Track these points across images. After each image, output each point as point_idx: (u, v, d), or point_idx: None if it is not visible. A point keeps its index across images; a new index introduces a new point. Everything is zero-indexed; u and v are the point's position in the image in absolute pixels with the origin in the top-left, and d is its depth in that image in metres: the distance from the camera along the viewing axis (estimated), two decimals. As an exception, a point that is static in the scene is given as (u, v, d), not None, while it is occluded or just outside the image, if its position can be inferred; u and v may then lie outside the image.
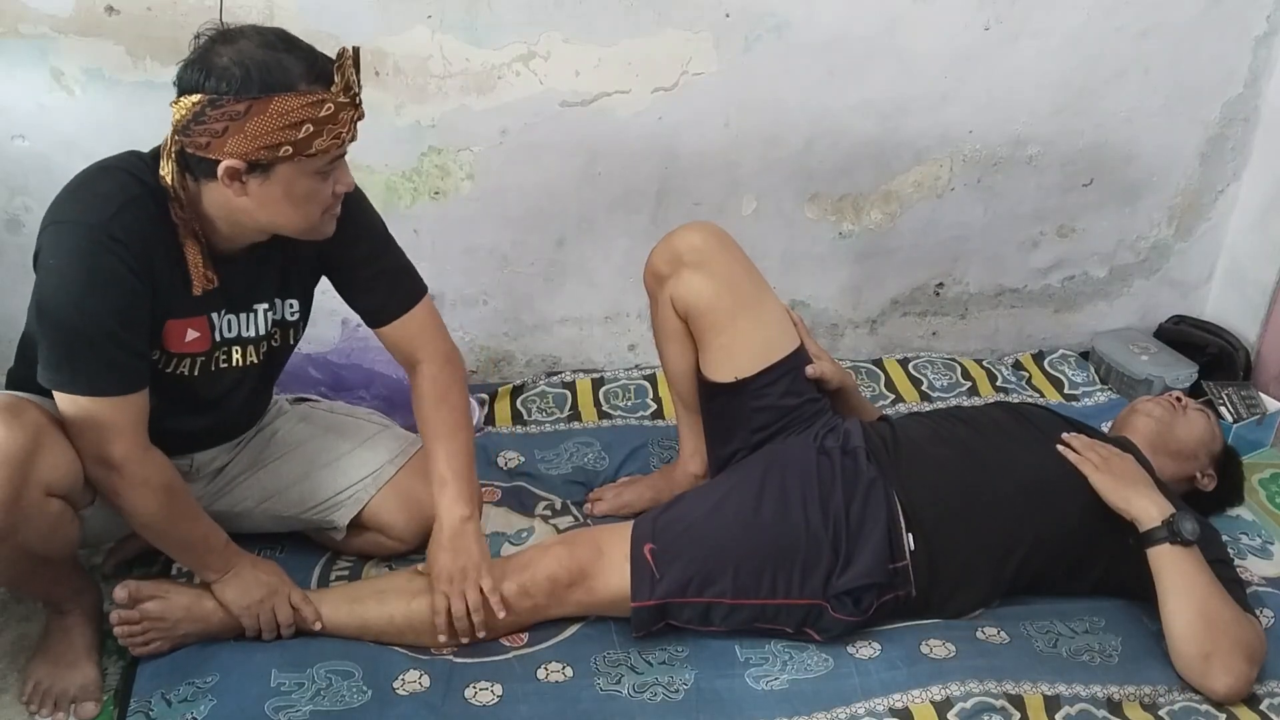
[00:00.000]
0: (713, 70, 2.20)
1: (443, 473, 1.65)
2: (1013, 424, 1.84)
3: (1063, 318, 2.69)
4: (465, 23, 2.07)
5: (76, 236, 1.36)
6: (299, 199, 1.39)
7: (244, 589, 1.58)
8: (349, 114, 1.37)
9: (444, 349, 1.69)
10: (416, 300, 1.67)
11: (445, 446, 1.65)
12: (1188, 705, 1.58)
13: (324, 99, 1.32)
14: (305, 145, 1.33)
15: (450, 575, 1.60)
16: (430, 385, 1.67)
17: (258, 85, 1.30)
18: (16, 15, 1.90)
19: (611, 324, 2.47)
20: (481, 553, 1.62)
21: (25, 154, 2.01)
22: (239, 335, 1.57)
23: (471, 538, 1.63)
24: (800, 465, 1.73)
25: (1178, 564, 1.60)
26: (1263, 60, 2.43)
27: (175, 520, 1.51)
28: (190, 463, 1.69)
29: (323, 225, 1.46)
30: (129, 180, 1.39)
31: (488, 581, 1.60)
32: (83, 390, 1.39)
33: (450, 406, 1.67)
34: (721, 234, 1.83)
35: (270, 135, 1.31)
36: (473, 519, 1.64)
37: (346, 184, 1.44)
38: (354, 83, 1.37)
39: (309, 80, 1.32)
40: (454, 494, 1.64)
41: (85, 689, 1.57)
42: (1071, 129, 2.43)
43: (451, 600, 1.59)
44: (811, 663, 1.63)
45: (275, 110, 1.30)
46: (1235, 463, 2.03)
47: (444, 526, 1.64)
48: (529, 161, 2.22)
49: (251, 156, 1.33)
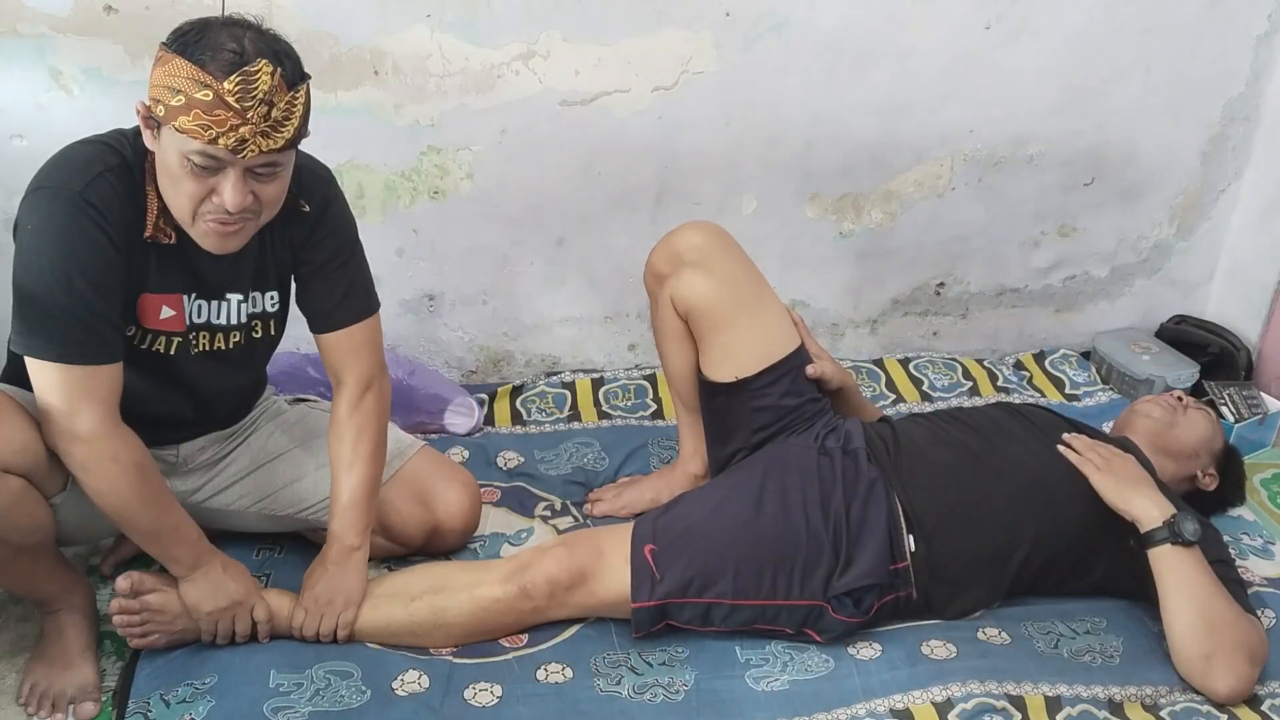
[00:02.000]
0: (713, 69, 2.20)
1: (343, 498, 1.65)
2: (1014, 424, 1.84)
3: (1064, 317, 2.68)
4: (464, 22, 2.06)
5: (54, 202, 1.38)
6: (171, 174, 1.38)
7: (209, 593, 1.56)
8: (229, 117, 1.31)
9: (370, 372, 1.68)
10: (362, 317, 1.66)
11: (352, 474, 1.65)
12: (1189, 706, 1.57)
13: (208, 84, 1.30)
14: (173, 115, 1.32)
15: (318, 598, 1.61)
16: (348, 409, 1.66)
17: (179, 42, 1.33)
18: (15, 14, 1.90)
19: (611, 324, 2.46)
20: (358, 586, 1.63)
21: (24, 154, 2.00)
22: (209, 322, 1.57)
23: (353, 568, 1.64)
24: (801, 466, 1.73)
25: (1179, 565, 1.59)
26: (1264, 59, 2.43)
27: (145, 503, 1.48)
28: (177, 453, 1.69)
29: (201, 231, 1.41)
30: (107, 151, 1.42)
31: (348, 615, 1.61)
32: (55, 356, 1.38)
33: (367, 436, 1.66)
34: (722, 233, 1.83)
35: (156, 89, 1.33)
36: (361, 549, 1.65)
37: (228, 200, 1.37)
38: (256, 99, 1.32)
39: (215, 64, 1.31)
40: (348, 521, 1.64)
41: (83, 689, 1.57)
42: (1072, 128, 2.42)
43: (307, 619, 1.61)
44: (812, 663, 1.63)
45: (170, 68, 1.32)
46: (1237, 463, 2.03)
47: (331, 549, 1.64)
48: (529, 161, 2.22)
49: (148, 100, 1.36)
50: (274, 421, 1.80)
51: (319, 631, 1.60)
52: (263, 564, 1.81)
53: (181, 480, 1.70)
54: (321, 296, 1.64)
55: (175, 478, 1.69)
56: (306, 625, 1.60)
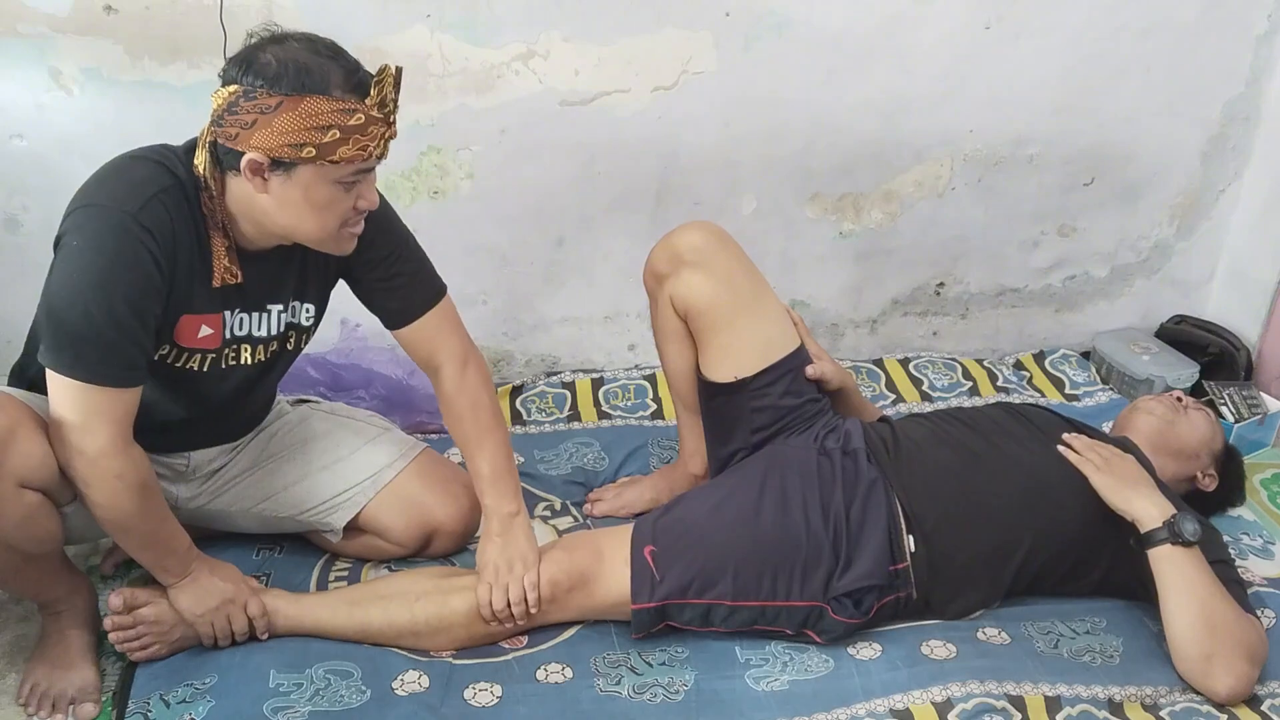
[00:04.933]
0: (713, 69, 2.20)
1: (485, 472, 1.67)
2: (1013, 424, 1.84)
3: (1064, 317, 2.68)
4: (464, 22, 2.06)
5: (106, 220, 1.35)
6: (318, 205, 1.39)
7: (199, 597, 1.56)
8: (380, 129, 1.37)
9: (463, 348, 1.69)
10: (435, 301, 1.67)
11: (482, 447, 1.67)
12: (1189, 706, 1.57)
13: (355, 108, 1.33)
14: (329, 150, 1.33)
15: (497, 567, 1.61)
16: (455, 388, 1.68)
17: (292, 83, 1.31)
18: (14, 14, 1.90)
19: (611, 324, 2.46)
20: (530, 547, 1.64)
21: (23, 154, 2.00)
22: (249, 334, 1.56)
23: (520, 531, 1.65)
24: (801, 466, 1.73)
25: (1179, 565, 1.59)
26: (1264, 59, 2.43)
27: (144, 519, 1.48)
28: (187, 461, 1.69)
29: (340, 239, 1.46)
30: (161, 171, 1.40)
31: (532, 575, 1.61)
32: (80, 375, 1.37)
33: (480, 407, 1.68)
34: (721, 233, 1.83)
35: (296, 134, 1.32)
36: (520, 514, 1.67)
37: (370, 201, 1.44)
38: (390, 100, 1.37)
39: (345, 88, 1.33)
40: (499, 491, 1.67)
41: (83, 690, 1.56)
42: (1072, 128, 2.42)
43: (494, 592, 1.60)
44: (812, 664, 1.63)
45: (305, 110, 1.31)
46: (1236, 463, 2.03)
47: (492, 521, 1.66)
48: (528, 161, 2.22)
49: (275, 153, 1.33)
50: (276, 424, 1.80)
51: (509, 601, 1.60)
52: (262, 564, 1.81)
53: (186, 486, 1.70)
54: (389, 294, 1.64)
55: (180, 483, 1.69)
56: (496, 598, 1.60)
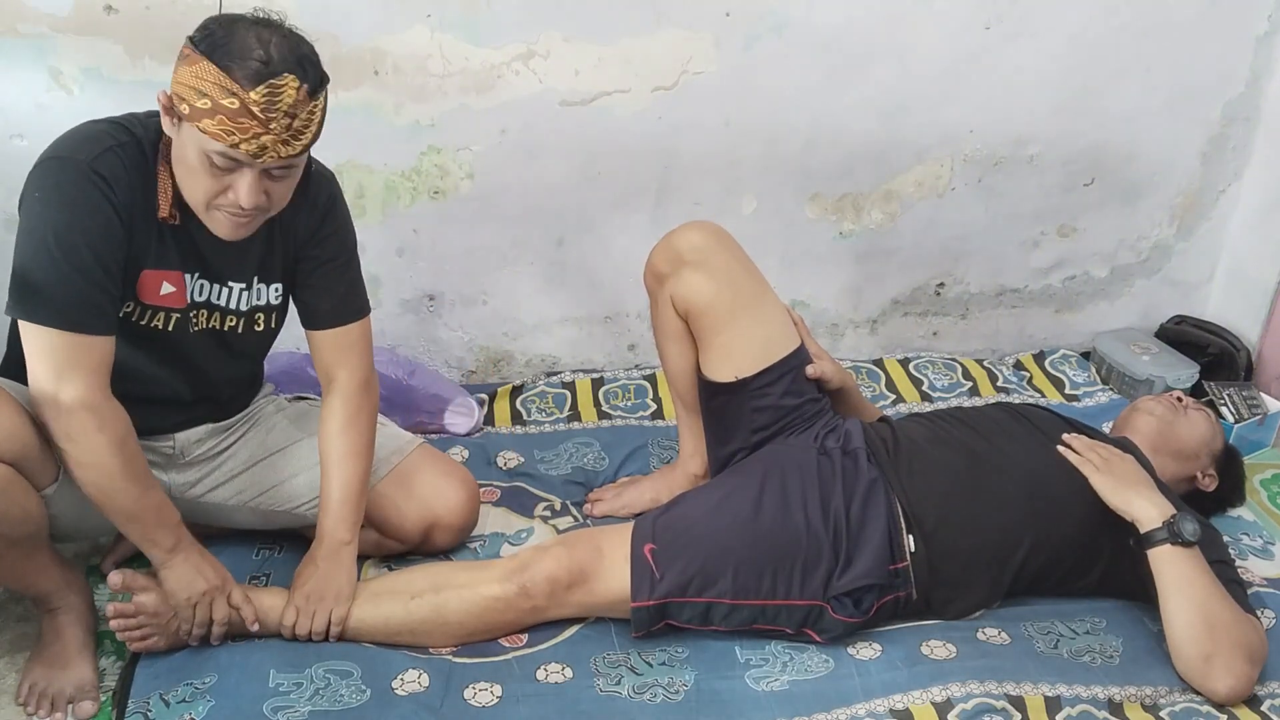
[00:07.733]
0: (713, 69, 2.20)
1: (334, 494, 1.66)
2: (1013, 425, 1.84)
3: (1064, 318, 2.68)
4: (465, 22, 2.06)
5: (62, 171, 1.41)
6: (190, 168, 1.41)
7: (188, 579, 1.56)
8: (252, 125, 1.34)
9: (366, 371, 1.70)
10: (358, 317, 1.69)
11: (343, 470, 1.66)
12: (1189, 706, 1.57)
13: (236, 93, 1.33)
14: (198, 116, 1.34)
15: (309, 595, 1.61)
16: (342, 401, 1.68)
17: (206, 45, 1.35)
18: (15, 14, 1.90)
19: (611, 324, 2.46)
20: (348, 582, 1.64)
21: (24, 153, 1.97)
22: (210, 301, 1.59)
23: (345, 563, 1.65)
24: (801, 466, 1.73)
25: (1178, 565, 1.59)
26: (1264, 60, 2.43)
27: (127, 480, 1.48)
28: (173, 444, 1.69)
29: (213, 219, 1.45)
30: (118, 129, 1.46)
31: (340, 612, 1.61)
32: (50, 321, 1.40)
33: (357, 432, 1.68)
34: (722, 233, 1.83)
35: (182, 87, 1.35)
36: (351, 545, 1.67)
37: (241, 198, 1.41)
38: (281, 110, 1.35)
39: (242, 72, 1.33)
40: (340, 516, 1.66)
41: (81, 688, 1.57)
42: (1072, 128, 2.42)
43: (300, 616, 1.60)
44: (812, 664, 1.63)
45: (197, 70, 1.34)
46: (1236, 463, 2.03)
47: (322, 545, 1.65)
48: (529, 161, 2.22)
49: (172, 94, 1.38)
50: (273, 418, 1.80)
51: (311, 629, 1.60)
52: (262, 564, 1.81)
53: (179, 473, 1.70)
54: (322, 293, 1.66)
55: (172, 470, 1.70)
56: (300, 624, 1.60)
